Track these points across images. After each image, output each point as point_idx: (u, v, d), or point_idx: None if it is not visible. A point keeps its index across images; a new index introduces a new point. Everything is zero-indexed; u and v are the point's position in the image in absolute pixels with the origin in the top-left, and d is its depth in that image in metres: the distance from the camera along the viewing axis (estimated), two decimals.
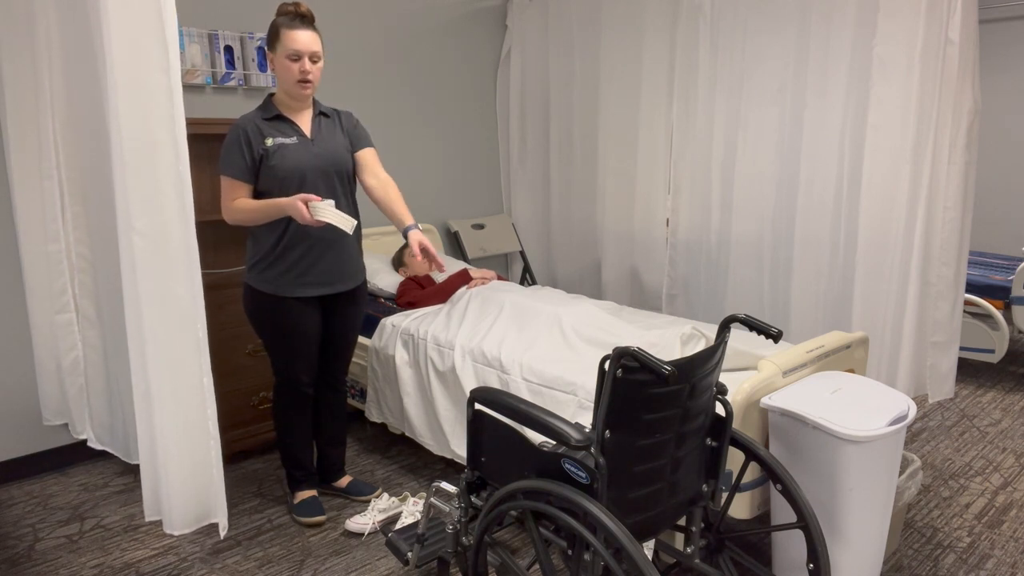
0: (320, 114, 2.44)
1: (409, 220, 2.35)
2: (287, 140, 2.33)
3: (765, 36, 3.19)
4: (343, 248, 2.45)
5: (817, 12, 2.99)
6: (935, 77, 2.64)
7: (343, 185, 2.43)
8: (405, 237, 2.32)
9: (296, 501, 2.63)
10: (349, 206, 2.45)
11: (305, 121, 2.40)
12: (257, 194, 2.35)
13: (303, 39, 2.26)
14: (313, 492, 2.67)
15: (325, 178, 2.37)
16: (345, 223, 2.15)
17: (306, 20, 2.29)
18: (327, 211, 2.15)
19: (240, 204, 2.31)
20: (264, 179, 2.32)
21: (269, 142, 2.31)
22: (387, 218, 2.46)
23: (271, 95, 2.41)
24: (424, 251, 2.27)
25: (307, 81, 2.30)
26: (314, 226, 2.22)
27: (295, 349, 2.46)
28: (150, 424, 1.99)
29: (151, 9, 1.81)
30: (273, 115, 2.35)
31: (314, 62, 2.30)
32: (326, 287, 2.44)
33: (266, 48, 2.32)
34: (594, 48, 3.93)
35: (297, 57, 2.27)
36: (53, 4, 2.37)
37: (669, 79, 3.60)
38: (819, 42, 3.00)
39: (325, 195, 2.36)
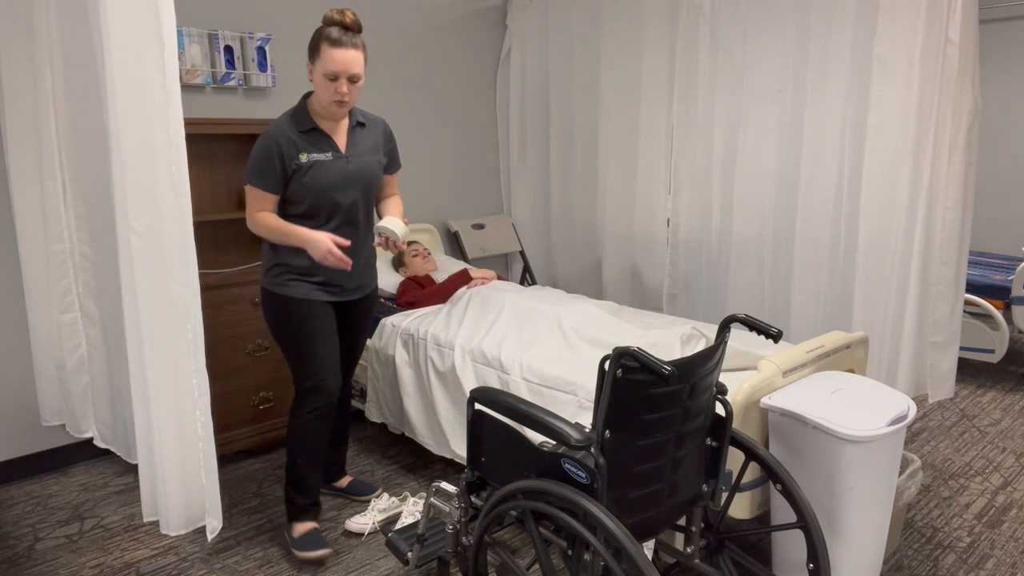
0: (357, 124, 2.37)
1: (389, 215, 2.45)
2: (322, 157, 2.27)
3: (765, 36, 3.19)
4: (359, 259, 2.43)
5: (817, 12, 2.98)
6: (935, 77, 2.64)
7: (367, 196, 2.39)
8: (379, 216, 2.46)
9: (296, 535, 2.40)
10: (367, 215, 2.44)
11: (341, 134, 2.33)
12: (284, 200, 2.30)
13: (342, 60, 2.16)
14: (314, 524, 2.42)
15: (354, 192, 2.34)
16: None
17: (350, 32, 2.19)
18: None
19: (264, 219, 2.25)
20: (295, 190, 2.27)
21: (304, 158, 2.24)
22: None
23: (307, 96, 2.32)
24: (387, 242, 2.34)
25: (343, 102, 2.23)
26: (330, 266, 2.23)
27: (320, 348, 2.35)
28: (147, 424, 1.99)
29: (149, 8, 1.81)
30: (309, 128, 2.27)
31: (353, 83, 2.22)
32: (341, 295, 2.41)
33: (308, 55, 2.26)
34: (594, 48, 3.93)
35: (335, 77, 2.19)
36: (53, 3, 2.37)
37: (669, 79, 3.60)
38: (819, 42, 3.00)
39: (349, 207, 2.33)
